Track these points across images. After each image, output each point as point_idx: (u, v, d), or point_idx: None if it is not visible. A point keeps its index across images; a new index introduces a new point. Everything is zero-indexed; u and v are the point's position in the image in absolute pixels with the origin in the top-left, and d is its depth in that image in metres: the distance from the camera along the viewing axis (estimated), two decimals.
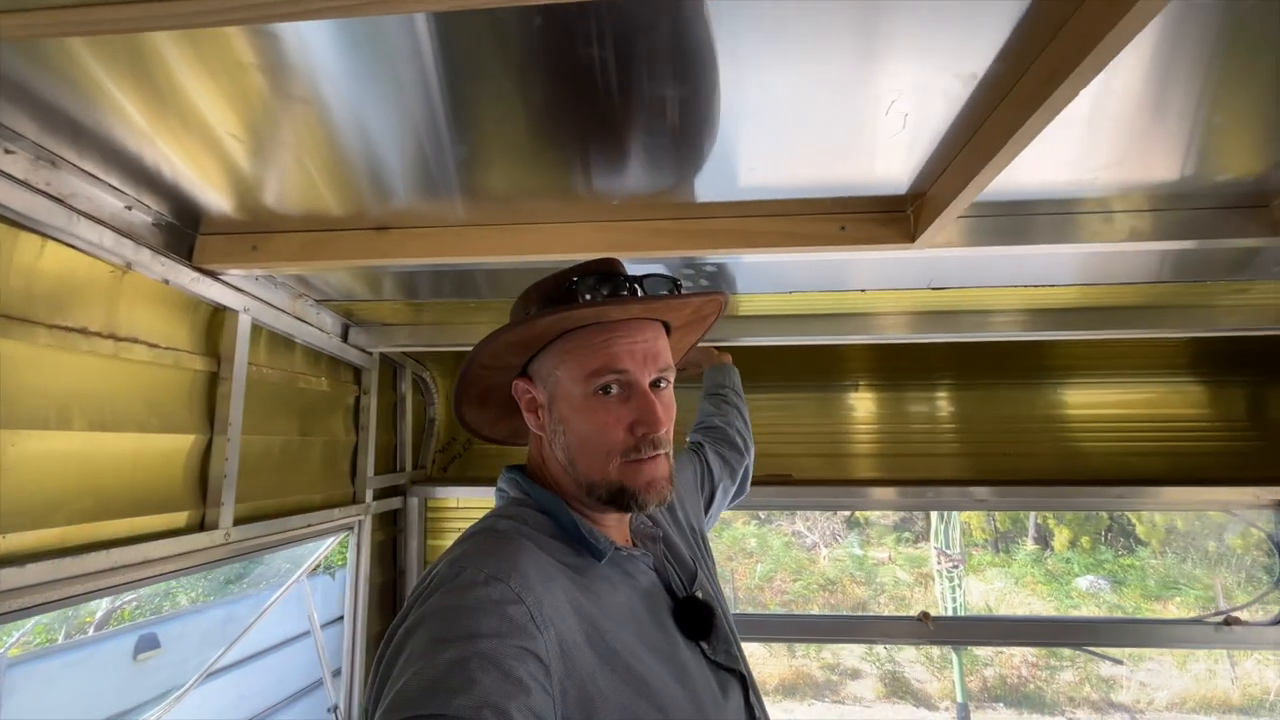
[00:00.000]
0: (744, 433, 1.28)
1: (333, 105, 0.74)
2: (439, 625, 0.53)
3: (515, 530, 0.68)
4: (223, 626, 3.03)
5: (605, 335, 0.70)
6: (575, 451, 0.71)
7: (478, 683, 0.47)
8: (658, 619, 0.72)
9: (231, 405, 1.13)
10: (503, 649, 0.51)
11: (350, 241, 1.04)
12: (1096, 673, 6.95)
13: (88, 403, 0.91)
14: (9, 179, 0.77)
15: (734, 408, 1.32)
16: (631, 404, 0.70)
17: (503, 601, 0.55)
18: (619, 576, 0.72)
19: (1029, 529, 12.01)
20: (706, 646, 0.74)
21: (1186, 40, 0.63)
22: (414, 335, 1.65)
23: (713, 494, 1.14)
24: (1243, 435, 2.02)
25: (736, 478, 1.21)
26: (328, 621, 3.59)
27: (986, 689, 7.04)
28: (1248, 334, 1.51)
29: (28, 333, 0.83)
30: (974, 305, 1.49)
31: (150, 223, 0.98)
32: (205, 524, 1.09)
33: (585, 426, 0.70)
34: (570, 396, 0.71)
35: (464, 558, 0.61)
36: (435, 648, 0.50)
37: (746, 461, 1.25)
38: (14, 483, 0.80)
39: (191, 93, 0.71)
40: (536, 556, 0.64)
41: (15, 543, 0.80)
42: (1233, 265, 1.26)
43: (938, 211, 0.86)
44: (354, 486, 1.64)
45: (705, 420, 1.31)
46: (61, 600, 0.85)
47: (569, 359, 0.71)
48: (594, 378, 0.69)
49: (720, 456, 1.20)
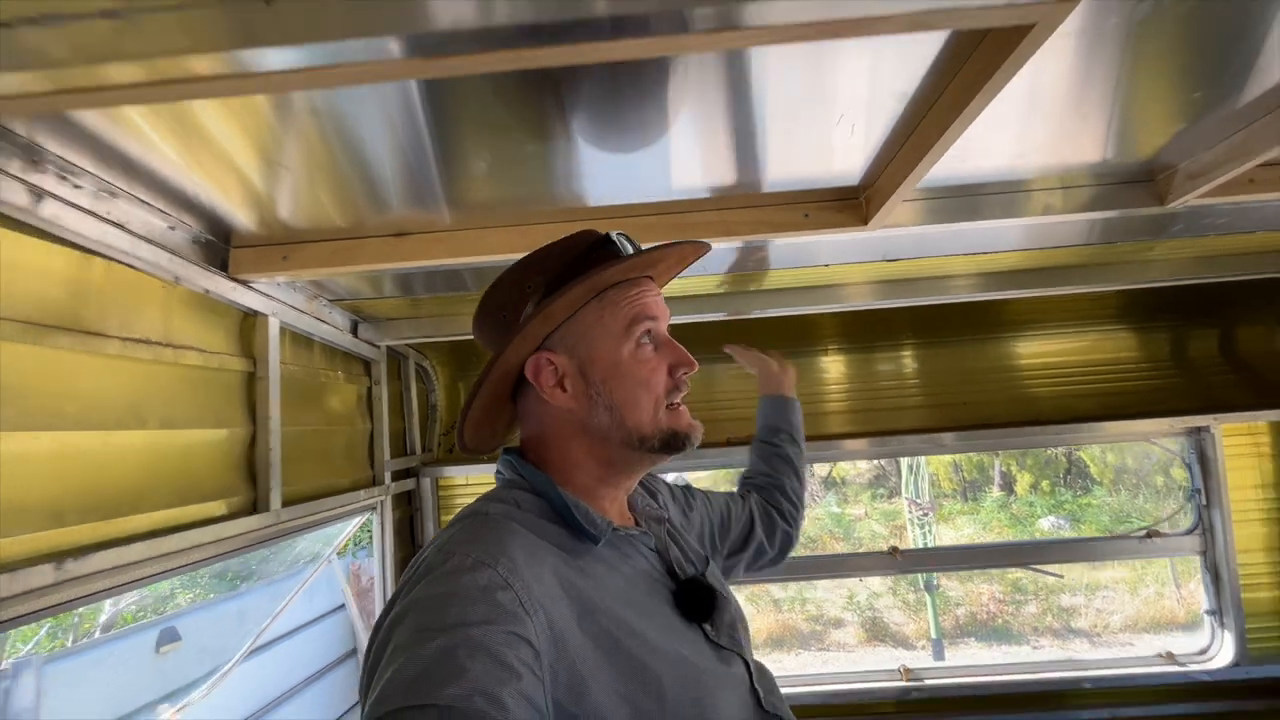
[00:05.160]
0: (796, 499, 1.16)
1: (340, 137, 0.87)
2: (427, 614, 0.53)
3: (506, 513, 0.67)
4: (237, 618, 3.14)
5: (636, 289, 0.74)
6: (624, 408, 0.71)
7: (468, 670, 0.47)
8: (655, 600, 0.71)
9: (270, 400, 1.25)
10: (492, 635, 0.51)
11: (373, 248, 1.16)
12: (1057, 604, 7.50)
13: (156, 404, 1.03)
14: (79, 209, 0.88)
15: (788, 465, 1.19)
16: (663, 350, 0.74)
17: (491, 587, 0.55)
18: (615, 557, 0.71)
19: (994, 476, 12.55)
20: (710, 629, 0.73)
21: (1099, 53, 0.79)
22: (414, 328, 1.78)
23: (744, 544, 1.06)
24: (1166, 374, 2.27)
25: (774, 545, 1.11)
26: (326, 612, 3.73)
27: (959, 626, 7.55)
28: (1166, 284, 1.73)
29: (101, 345, 0.94)
30: (931, 273, 1.67)
31: (190, 240, 1.09)
32: (258, 507, 1.22)
33: (632, 378, 0.72)
34: (611, 354, 0.72)
35: (451, 544, 0.61)
36: (424, 636, 0.50)
37: (784, 539, 1.12)
38: (111, 477, 0.92)
39: (216, 134, 0.84)
40: (526, 539, 0.64)
41: (120, 526, 0.93)
42: (1149, 228, 1.45)
43: (885, 198, 1.02)
44: (373, 470, 1.77)
45: (752, 477, 1.19)
46: (152, 576, 0.98)
47: (605, 316, 0.73)
48: (634, 327, 0.72)
49: (766, 517, 1.11)
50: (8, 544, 0.76)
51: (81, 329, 0.90)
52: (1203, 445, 1.98)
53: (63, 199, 0.84)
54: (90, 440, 0.90)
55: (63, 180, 0.85)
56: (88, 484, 0.90)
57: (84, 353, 0.90)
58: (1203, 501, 1.98)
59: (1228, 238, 1.55)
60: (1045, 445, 2.38)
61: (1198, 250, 1.64)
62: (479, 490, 2.17)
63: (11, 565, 0.75)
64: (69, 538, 0.84)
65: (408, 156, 0.92)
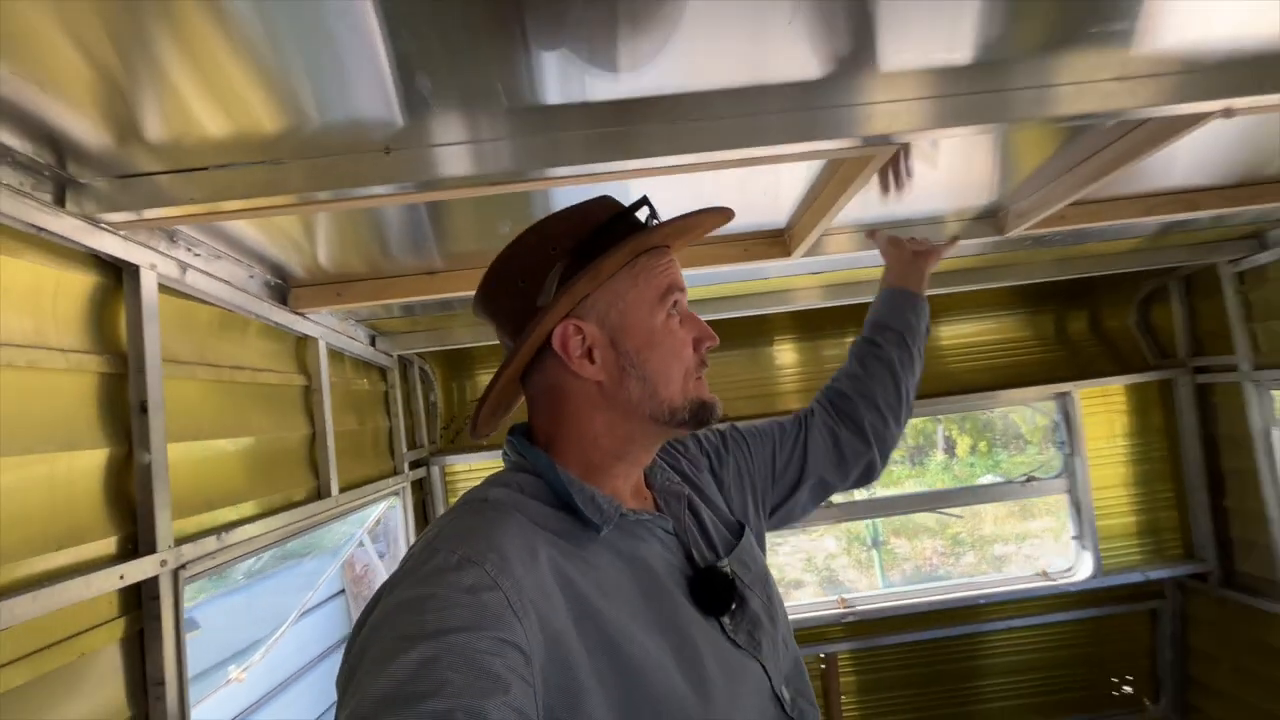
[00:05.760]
0: (887, 412, 0.97)
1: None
2: (406, 620, 0.49)
3: (506, 498, 0.63)
4: (247, 607, 3.38)
5: (665, 259, 0.71)
6: (658, 379, 0.68)
7: (449, 683, 0.44)
8: (666, 591, 0.65)
9: (325, 406, 1.55)
10: (476, 643, 0.47)
11: (409, 284, 1.46)
12: (992, 554, 8.29)
13: (241, 417, 1.31)
14: (216, 279, 1.16)
15: (887, 369, 1.00)
16: (687, 324, 0.72)
17: (476, 588, 0.51)
18: (626, 544, 0.66)
19: (938, 441, 13.36)
20: (727, 623, 0.67)
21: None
22: (416, 340, 2.10)
23: (798, 483, 0.91)
24: (1052, 349, 2.75)
25: (848, 474, 0.95)
26: (328, 597, 4.00)
27: (905, 577, 8.28)
28: (1046, 280, 2.17)
29: (192, 372, 1.19)
30: (867, 277, 2.06)
31: (263, 283, 1.37)
32: (321, 493, 1.52)
33: (665, 348, 0.69)
34: (644, 324, 0.68)
35: (439, 538, 0.58)
36: (401, 646, 0.47)
37: (869, 455, 0.95)
38: (227, 473, 1.22)
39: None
40: (522, 530, 0.60)
41: (242, 510, 1.22)
42: (1017, 243, 1.87)
43: (802, 238, 1.39)
44: (393, 461, 2.07)
45: (837, 380, 1.02)
46: (264, 548, 1.27)
47: (638, 284, 0.69)
48: (668, 296, 0.69)
49: (832, 438, 0.95)
50: (179, 524, 1.06)
51: (207, 363, 1.18)
52: (1067, 406, 2.46)
53: (192, 265, 1.12)
54: (208, 448, 1.19)
55: (189, 250, 1.13)
56: (212, 481, 1.19)
57: (212, 381, 1.19)
58: (1068, 451, 2.47)
59: (1074, 245, 1.99)
60: (958, 411, 2.86)
61: (1059, 255, 2.08)
62: (480, 476, 2.49)
63: (192, 536, 1.05)
64: (220, 517, 1.15)
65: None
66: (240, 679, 2.04)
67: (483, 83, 0.79)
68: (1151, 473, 2.51)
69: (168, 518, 0.97)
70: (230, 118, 0.80)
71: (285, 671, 3.20)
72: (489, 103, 0.83)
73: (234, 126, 0.82)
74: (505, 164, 0.88)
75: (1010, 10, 0.75)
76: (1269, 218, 1.90)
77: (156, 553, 0.94)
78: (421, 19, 0.67)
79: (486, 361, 2.67)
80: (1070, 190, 1.31)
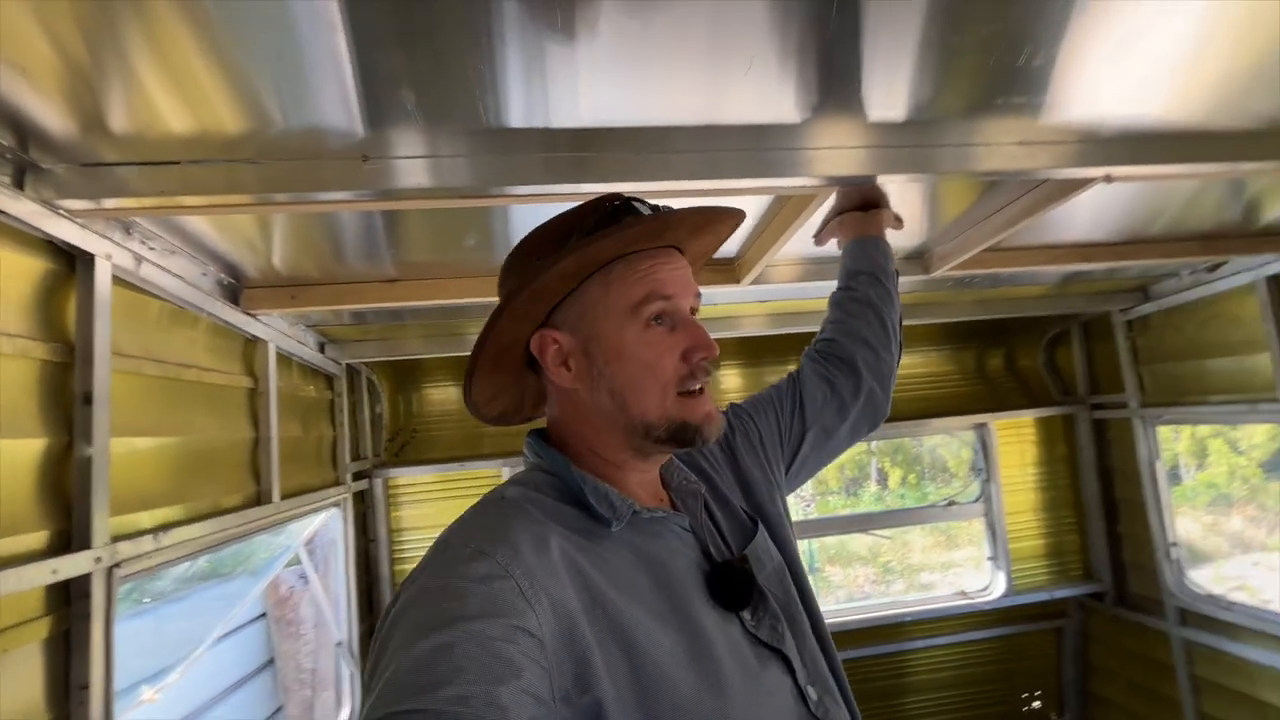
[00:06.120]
0: (874, 344, 0.98)
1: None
2: (424, 610, 0.51)
3: (521, 496, 0.65)
4: (155, 631, 3.14)
5: (650, 262, 0.66)
6: (626, 393, 0.65)
7: (464, 670, 0.45)
8: (683, 587, 0.65)
9: (271, 411, 1.52)
10: (490, 630, 0.49)
11: (369, 290, 1.47)
12: (919, 580, 8.65)
13: (185, 416, 1.28)
14: (170, 274, 1.14)
15: (866, 307, 1.01)
16: (679, 332, 0.66)
17: (489, 577, 0.53)
18: (638, 539, 0.66)
19: (872, 473, 13.86)
20: (748, 618, 0.67)
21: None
22: (365, 349, 2.09)
23: (802, 436, 0.92)
24: (973, 383, 2.99)
25: (849, 412, 0.95)
26: (246, 621, 3.77)
27: (839, 602, 8.55)
28: (968, 320, 2.37)
29: (139, 366, 1.17)
30: (810, 309, 2.19)
31: (216, 281, 1.35)
32: (262, 499, 1.48)
33: (637, 361, 0.65)
34: (615, 333, 0.66)
35: (455, 533, 0.60)
36: (419, 635, 0.48)
37: (866, 388, 0.95)
38: (147, 473, 1.18)
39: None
40: (535, 524, 0.60)
41: (180, 511, 1.19)
42: (943, 283, 2.05)
43: (749, 268, 1.49)
44: (336, 471, 2.02)
45: (822, 332, 1.04)
46: (198, 552, 1.24)
47: (611, 291, 0.66)
48: (643, 306, 0.65)
49: (826, 383, 0.95)
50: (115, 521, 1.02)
51: (154, 358, 1.16)
52: (984, 436, 2.67)
53: (147, 259, 1.11)
54: (150, 445, 1.16)
55: (144, 243, 1.11)
56: (151, 479, 1.15)
57: (157, 377, 1.16)
58: (985, 477, 2.67)
59: (993, 289, 2.20)
60: (891, 437, 3.06)
61: (979, 296, 2.29)
62: (425, 491, 2.47)
63: (128, 535, 1.02)
64: (158, 517, 1.11)
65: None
66: (154, 699, 1.91)
67: (447, 102, 0.83)
68: (1057, 499, 2.74)
69: (105, 514, 0.94)
70: (195, 116, 0.81)
71: (198, 700, 2.99)
72: (451, 121, 0.87)
73: (198, 124, 0.83)
74: (464, 180, 0.92)
75: (939, 78, 0.88)
76: (1152, 273, 2.17)
77: (91, 549, 0.91)
78: (390, 38, 0.71)
79: (436, 375, 2.66)
80: (985, 237, 1.47)
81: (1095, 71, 0.89)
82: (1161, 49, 0.86)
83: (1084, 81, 0.91)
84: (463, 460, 2.43)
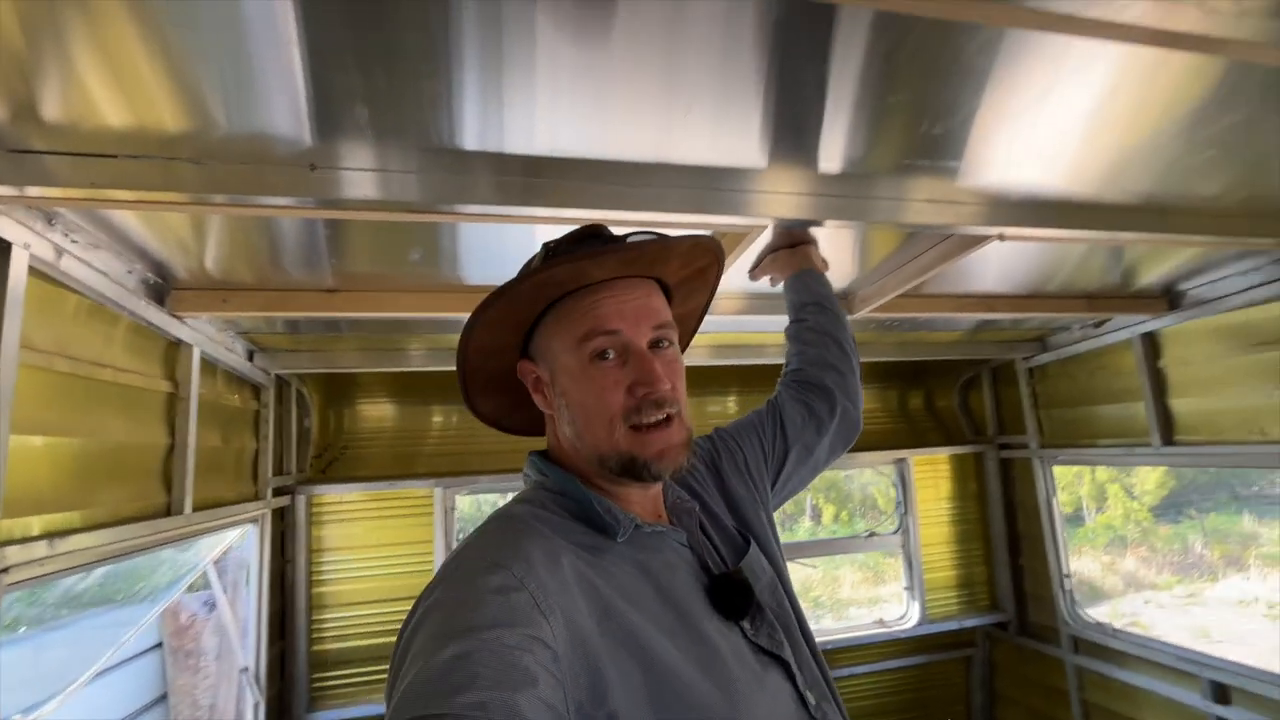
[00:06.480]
0: (839, 366, 1.07)
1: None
2: (441, 620, 0.53)
3: (529, 513, 0.66)
4: (27, 663, 2.83)
5: (592, 297, 0.68)
6: (580, 424, 0.68)
7: (481, 676, 0.46)
8: (686, 598, 0.67)
9: (191, 418, 1.45)
10: (506, 639, 0.50)
11: (307, 299, 1.45)
12: (847, 615, 8.93)
13: (95, 418, 1.21)
14: (92, 269, 1.10)
15: (822, 335, 1.11)
16: (629, 366, 0.67)
17: (505, 589, 0.54)
18: (643, 554, 0.68)
19: (806, 509, 14.20)
20: (748, 627, 0.69)
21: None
22: (297, 360, 2.03)
23: (785, 456, 0.98)
24: (896, 421, 3.17)
25: (826, 430, 1.01)
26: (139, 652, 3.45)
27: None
28: (893, 360, 2.53)
29: (50, 362, 1.11)
30: (750, 341, 2.28)
31: (141, 280, 1.30)
32: (172, 510, 1.41)
33: (584, 395, 0.67)
34: (568, 368, 0.68)
35: (469, 547, 0.62)
36: (438, 643, 0.50)
37: (840, 407, 1.03)
38: (45, 474, 1.12)
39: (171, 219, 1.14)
40: (546, 539, 0.62)
41: (80, 518, 1.12)
42: (870, 324, 2.19)
43: None
44: (256, 486, 1.93)
45: (787, 363, 1.12)
46: (98, 562, 1.16)
47: (560, 327, 0.69)
48: (586, 342, 0.67)
49: (804, 406, 1.02)
50: (6, 524, 0.96)
51: (67, 355, 1.10)
52: (904, 471, 2.83)
53: (69, 251, 1.07)
54: (52, 445, 1.09)
55: (67, 235, 1.07)
56: (50, 481, 1.08)
57: (68, 374, 1.11)
58: (903, 510, 2.82)
59: (913, 332, 2.37)
60: (823, 472, 3.23)
61: (901, 339, 2.46)
62: (352, 511, 2.38)
63: (19, 539, 0.95)
64: (53, 522, 1.04)
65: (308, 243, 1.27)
66: None
67: (401, 120, 0.85)
68: (968, 532, 2.92)
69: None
70: (134, 111, 0.81)
71: None
72: (404, 138, 0.89)
73: (136, 120, 0.82)
74: (412, 195, 0.93)
75: (871, 136, 0.98)
76: (1050, 325, 2.40)
77: None
78: (347, 57, 0.73)
79: (372, 391, 2.59)
80: (901, 283, 1.61)
81: (1005, 144, 1.01)
82: (1062, 129, 0.99)
83: (993, 152, 1.04)
84: (394, 479, 2.37)
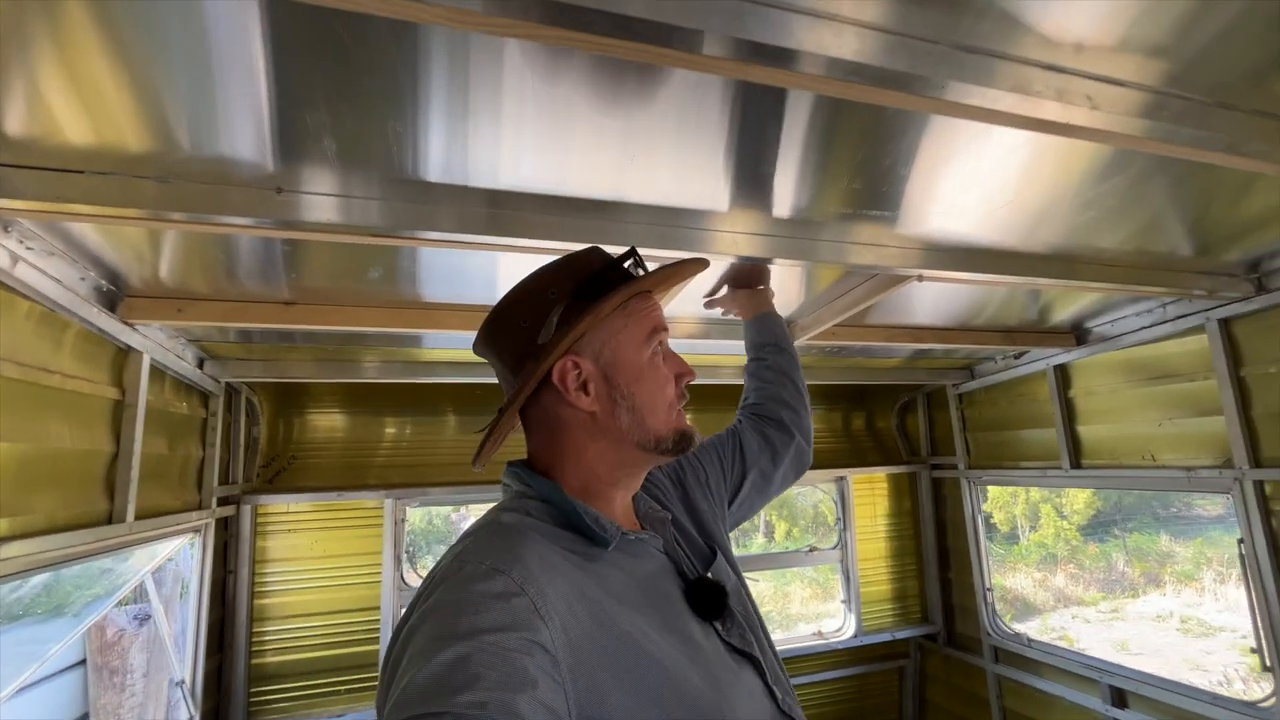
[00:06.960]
0: (794, 404, 1.17)
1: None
2: (442, 622, 0.53)
3: (519, 522, 0.69)
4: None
5: (650, 303, 0.80)
6: (645, 411, 0.75)
7: (482, 678, 0.47)
8: (669, 601, 0.72)
9: (137, 426, 1.45)
10: (506, 642, 0.51)
11: (264, 311, 1.47)
12: (796, 629, 9.17)
13: (38, 423, 1.21)
14: (46, 276, 1.11)
15: (780, 374, 1.21)
16: (670, 360, 0.80)
17: (505, 594, 0.55)
18: (627, 560, 0.72)
19: (760, 525, 14.38)
20: (720, 628, 0.75)
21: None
22: (249, 369, 2.02)
23: (743, 478, 1.06)
24: (840, 441, 3.32)
25: (781, 461, 1.10)
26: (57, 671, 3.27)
27: None
28: (838, 383, 2.66)
29: (15, 372, 1.13)
30: (705, 362, 2.35)
31: (93, 287, 1.31)
32: (114, 518, 1.40)
33: (652, 384, 0.76)
34: (633, 360, 0.76)
35: (466, 552, 0.62)
36: (438, 645, 0.50)
37: (795, 441, 1.12)
38: None
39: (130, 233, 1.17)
40: (540, 546, 0.64)
41: (15, 524, 1.11)
42: (818, 350, 2.32)
43: None
44: (200, 495, 1.91)
45: (746, 396, 1.22)
46: (37, 569, 1.15)
47: (630, 325, 0.77)
48: (652, 338, 0.78)
49: (761, 436, 1.10)
50: None
51: (14, 360, 1.11)
52: (843, 488, 2.98)
53: (24, 259, 1.08)
54: None
55: (22, 242, 1.08)
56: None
57: (13, 379, 1.11)
58: (842, 526, 2.97)
59: (853, 359, 2.52)
60: None
61: (845, 364, 2.60)
62: (299, 521, 2.36)
63: None
64: None
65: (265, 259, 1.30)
66: None
67: (366, 152, 0.90)
68: (902, 548, 3.08)
69: None
70: (96, 130, 0.83)
71: None
72: (367, 168, 0.94)
73: (98, 139, 0.85)
74: (374, 220, 0.98)
75: (815, 189, 1.10)
76: (976, 356, 2.59)
77: None
78: (315, 92, 0.78)
79: (324, 400, 2.58)
80: (835, 314, 1.74)
81: (933, 199, 1.15)
82: (980, 188, 1.13)
83: (925, 205, 1.17)
84: (343, 490, 2.36)
